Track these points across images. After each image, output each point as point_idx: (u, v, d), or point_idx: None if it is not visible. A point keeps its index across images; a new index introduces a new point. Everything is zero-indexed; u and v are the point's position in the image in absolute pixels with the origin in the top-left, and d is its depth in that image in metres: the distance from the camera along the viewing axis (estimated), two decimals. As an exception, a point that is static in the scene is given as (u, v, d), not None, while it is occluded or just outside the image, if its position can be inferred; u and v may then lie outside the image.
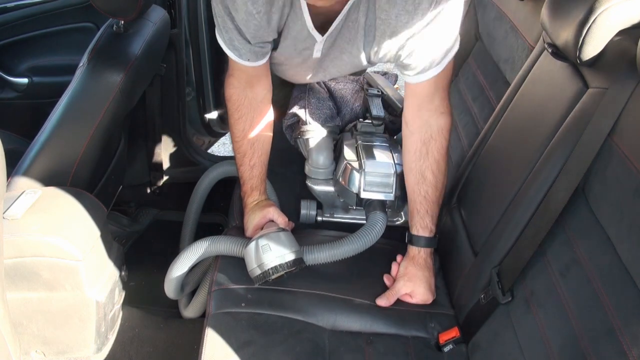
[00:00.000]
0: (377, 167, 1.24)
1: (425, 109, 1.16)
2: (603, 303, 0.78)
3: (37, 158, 1.24)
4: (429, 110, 1.16)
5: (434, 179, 1.18)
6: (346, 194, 1.28)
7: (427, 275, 1.19)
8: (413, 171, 1.19)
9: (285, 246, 1.11)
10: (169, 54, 1.74)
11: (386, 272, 1.23)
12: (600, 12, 0.88)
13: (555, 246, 0.92)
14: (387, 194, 1.23)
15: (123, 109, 1.42)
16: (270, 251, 1.10)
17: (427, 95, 1.15)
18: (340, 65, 1.22)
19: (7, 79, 1.91)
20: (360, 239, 1.15)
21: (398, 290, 1.17)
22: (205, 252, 1.19)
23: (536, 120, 1.10)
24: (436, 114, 1.16)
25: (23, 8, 1.91)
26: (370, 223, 1.18)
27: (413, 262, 1.19)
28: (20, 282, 1.10)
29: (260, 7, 1.03)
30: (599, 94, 0.92)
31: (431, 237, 1.20)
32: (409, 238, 1.21)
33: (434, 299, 1.19)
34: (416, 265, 1.19)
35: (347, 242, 1.16)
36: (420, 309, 1.17)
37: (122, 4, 1.36)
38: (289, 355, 1.02)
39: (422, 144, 1.18)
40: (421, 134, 1.17)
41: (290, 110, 1.47)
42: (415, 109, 1.17)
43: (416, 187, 1.19)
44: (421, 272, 1.18)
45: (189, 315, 1.55)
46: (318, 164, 1.34)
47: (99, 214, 1.19)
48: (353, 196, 1.25)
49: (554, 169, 0.96)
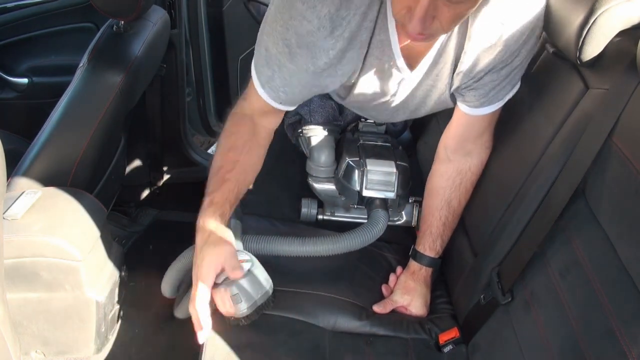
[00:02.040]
0: (378, 166, 1.24)
1: (471, 141, 1.15)
2: (603, 303, 0.78)
3: (37, 158, 1.24)
4: (475, 144, 1.15)
5: (459, 208, 1.19)
6: (347, 192, 1.28)
7: (425, 292, 1.20)
8: (439, 196, 1.19)
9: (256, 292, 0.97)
10: (169, 54, 1.74)
11: (388, 274, 1.23)
12: (600, 12, 0.88)
13: (555, 247, 0.92)
14: (388, 192, 1.23)
15: (123, 109, 1.43)
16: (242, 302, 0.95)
17: (479, 129, 1.13)
18: (428, 104, 1.12)
19: (7, 79, 1.92)
20: (362, 235, 1.15)
21: (395, 302, 1.18)
22: None
23: (536, 121, 1.10)
24: (482, 148, 1.16)
25: (23, 8, 1.91)
26: (372, 220, 1.18)
27: (413, 277, 1.20)
28: (20, 282, 1.10)
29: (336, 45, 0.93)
30: (600, 95, 0.92)
31: (436, 258, 1.21)
32: (414, 253, 1.22)
33: (427, 314, 1.19)
34: (416, 281, 1.20)
35: (349, 236, 1.15)
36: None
37: (122, 4, 1.36)
38: (290, 356, 1.02)
39: (457, 173, 1.17)
40: (460, 164, 1.17)
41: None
42: (461, 138, 1.15)
43: (437, 212, 1.19)
44: (419, 287, 1.19)
45: (179, 315, 1.52)
46: (320, 162, 1.34)
47: (99, 214, 1.19)
48: (354, 194, 1.25)
49: (554, 169, 0.96)
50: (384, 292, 1.21)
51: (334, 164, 1.34)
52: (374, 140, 1.34)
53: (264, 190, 1.46)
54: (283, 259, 1.20)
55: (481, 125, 1.12)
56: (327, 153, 1.34)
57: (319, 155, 1.34)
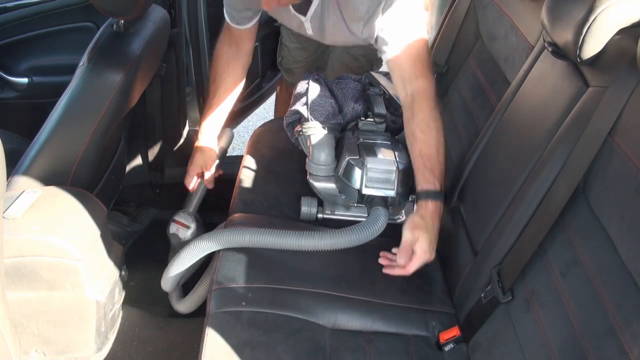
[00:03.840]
0: (378, 164, 1.24)
1: (405, 80, 1.29)
2: (603, 302, 0.78)
3: (37, 158, 1.24)
4: (406, 80, 1.29)
5: (424, 136, 1.24)
6: (347, 191, 1.28)
7: (431, 227, 1.18)
8: (407, 137, 1.28)
9: None
10: (169, 54, 1.74)
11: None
12: (600, 11, 0.88)
13: (556, 245, 0.91)
14: (388, 190, 1.23)
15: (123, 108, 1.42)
16: None
17: (402, 67, 1.29)
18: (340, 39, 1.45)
19: (7, 78, 1.91)
20: (362, 231, 1.14)
21: (404, 244, 1.18)
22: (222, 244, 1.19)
23: (536, 120, 1.10)
24: (411, 79, 1.28)
25: (23, 8, 1.91)
26: (372, 218, 1.17)
27: (418, 213, 1.20)
28: (20, 281, 1.10)
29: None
30: (599, 93, 0.92)
31: (436, 190, 1.20)
32: (416, 197, 1.23)
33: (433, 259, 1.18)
34: (422, 217, 1.19)
35: (348, 232, 1.14)
36: (420, 305, 1.17)
37: (122, 4, 1.36)
38: (290, 354, 1.02)
39: (407, 108, 1.29)
40: (406, 102, 1.29)
41: (292, 108, 1.47)
42: (400, 85, 1.30)
43: (411, 149, 1.27)
44: (425, 222, 1.18)
45: (182, 310, 1.52)
46: (319, 160, 1.34)
47: (99, 214, 1.19)
48: (354, 193, 1.25)
49: (555, 168, 0.96)
50: (382, 262, 1.21)
51: (334, 163, 1.34)
52: (374, 138, 1.34)
53: (264, 189, 1.47)
54: (283, 257, 1.20)
55: (402, 63, 1.28)
56: (327, 151, 1.34)
57: (319, 154, 1.34)
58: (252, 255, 1.21)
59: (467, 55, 1.55)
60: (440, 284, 1.25)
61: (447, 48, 1.60)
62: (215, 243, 1.19)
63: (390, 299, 1.18)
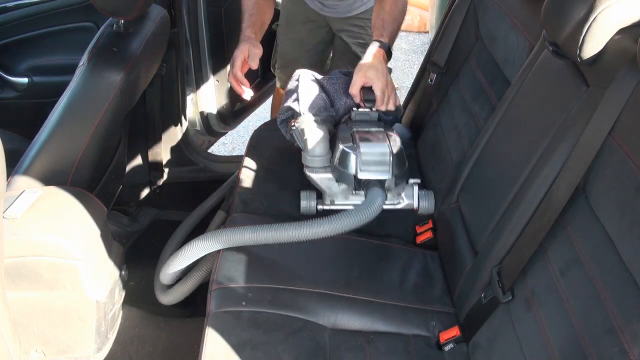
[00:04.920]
0: (371, 147, 1.24)
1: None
2: (604, 302, 0.78)
3: (37, 158, 1.24)
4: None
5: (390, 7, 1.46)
6: (344, 177, 1.28)
7: (377, 63, 1.38)
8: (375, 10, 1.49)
9: None
10: (169, 54, 1.74)
11: (388, 272, 1.23)
12: (600, 10, 0.88)
13: (556, 245, 0.91)
14: (383, 172, 1.23)
15: (123, 108, 1.42)
16: None
17: None
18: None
19: (7, 78, 1.91)
20: (360, 213, 1.13)
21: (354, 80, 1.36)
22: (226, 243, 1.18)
23: (537, 119, 1.10)
24: None
25: (23, 8, 1.91)
26: (369, 199, 1.17)
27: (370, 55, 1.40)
28: (20, 281, 1.10)
29: None
30: (600, 93, 0.92)
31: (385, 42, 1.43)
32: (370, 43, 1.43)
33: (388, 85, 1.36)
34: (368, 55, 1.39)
35: (347, 215, 1.13)
36: (420, 305, 1.17)
37: (122, 3, 1.36)
38: (290, 354, 1.02)
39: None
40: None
41: (284, 105, 1.47)
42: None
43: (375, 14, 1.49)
44: (370, 60, 1.38)
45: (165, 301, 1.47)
46: (315, 152, 1.34)
47: (99, 214, 1.19)
48: (351, 178, 1.26)
49: (555, 167, 0.96)
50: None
51: (329, 153, 1.34)
52: (367, 127, 1.35)
53: (263, 189, 1.47)
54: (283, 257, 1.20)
55: None
56: (322, 143, 1.34)
57: (314, 145, 1.34)
58: (252, 255, 1.21)
59: (467, 55, 1.55)
60: (440, 283, 1.25)
61: (447, 48, 1.60)
62: (216, 242, 1.19)
63: (390, 298, 1.18)
